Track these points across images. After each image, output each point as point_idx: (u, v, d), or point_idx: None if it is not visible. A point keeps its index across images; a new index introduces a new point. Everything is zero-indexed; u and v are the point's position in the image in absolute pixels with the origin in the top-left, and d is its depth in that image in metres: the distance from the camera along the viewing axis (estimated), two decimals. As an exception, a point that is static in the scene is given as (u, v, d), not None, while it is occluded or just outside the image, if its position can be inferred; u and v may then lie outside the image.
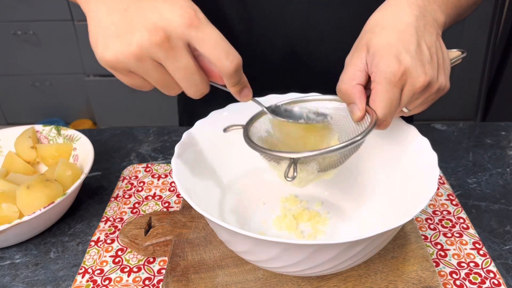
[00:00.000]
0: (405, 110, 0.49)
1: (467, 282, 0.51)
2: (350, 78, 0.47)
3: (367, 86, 0.48)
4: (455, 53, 0.53)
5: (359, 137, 0.44)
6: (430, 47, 0.47)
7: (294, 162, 0.44)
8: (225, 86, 0.44)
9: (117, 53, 0.38)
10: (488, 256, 0.53)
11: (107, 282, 0.52)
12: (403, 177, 0.52)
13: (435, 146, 0.51)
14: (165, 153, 0.75)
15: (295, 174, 0.43)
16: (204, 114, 0.56)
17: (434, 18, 0.49)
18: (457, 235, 0.57)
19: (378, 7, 0.50)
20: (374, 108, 0.45)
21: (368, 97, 0.47)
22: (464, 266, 0.52)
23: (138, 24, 0.37)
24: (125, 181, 0.68)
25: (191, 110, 0.85)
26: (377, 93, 0.45)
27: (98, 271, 0.53)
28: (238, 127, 0.51)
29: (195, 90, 0.42)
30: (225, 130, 0.52)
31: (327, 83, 0.54)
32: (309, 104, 0.52)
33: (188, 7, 0.38)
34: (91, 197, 0.66)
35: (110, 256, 0.55)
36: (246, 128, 0.51)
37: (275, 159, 0.47)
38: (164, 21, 0.37)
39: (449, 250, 0.55)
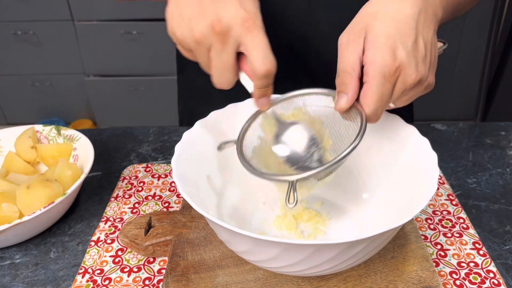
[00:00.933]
0: (391, 105, 0.49)
1: (467, 282, 0.51)
2: (352, 67, 0.47)
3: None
4: (438, 44, 0.53)
5: (356, 142, 0.45)
6: (426, 44, 0.46)
7: (292, 185, 0.45)
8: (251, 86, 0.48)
9: (183, 34, 0.46)
10: (488, 256, 0.53)
11: (107, 282, 0.52)
12: (403, 177, 0.52)
13: (435, 146, 0.51)
14: (165, 153, 0.75)
15: (295, 199, 0.44)
16: (204, 114, 0.57)
17: (434, 12, 0.49)
18: (457, 235, 0.57)
19: None
20: (366, 101, 0.45)
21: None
22: (464, 266, 0.52)
23: (207, 14, 0.44)
24: (125, 181, 0.68)
25: (191, 110, 0.85)
26: (370, 87, 0.45)
27: (98, 271, 0.53)
28: (231, 144, 0.52)
29: (220, 82, 0.48)
30: (219, 148, 0.53)
31: (326, 83, 0.54)
32: (300, 98, 0.52)
33: (252, 13, 0.44)
34: (91, 197, 0.66)
35: (110, 256, 0.55)
36: (239, 145, 0.51)
37: (272, 181, 0.48)
38: (228, 18, 0.43)
39: (449, 250, 0.55)
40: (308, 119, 0.51)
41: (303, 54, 0.71)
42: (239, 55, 0.47)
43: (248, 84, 0.48)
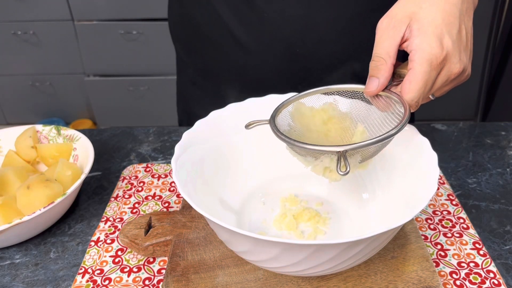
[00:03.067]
0: (431, 97, 0.49)
1: (467, 282, 0.51)
2: (388, 52, 0.46)
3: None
4: None
5: (399, 127, 0.44)
6: (467, 33, 0.47)
7: (342, 155, 0.43)
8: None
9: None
10: (488, 256, 0.53)
11: (107, 282, 0.52)
12: (403, 177, 0.52)
13: (435, 146, 0.51)
14: (165, 153, 0.75)
15: (348, 168, 0.42)
16: (203, 114, 0.57)
17: (473, 0, 0.50)
18: (457, 235, 0.57)
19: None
20: (410, 88, 0.45)
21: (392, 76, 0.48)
22: (464, 266, 0.52)
23: None
24: (125, 181, 0.68)
25: (191, 111, 0.85)
26: (415, 74, 0.45)
27: (98, 271, 0.53)
28: (262, 123, 0.50)
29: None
30: (247, 126, 0.51)
31: (326, 85, 0.54)
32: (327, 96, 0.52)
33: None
34: (91, 197, 0.66)
35: (110, 256, 0.55)
36: (274, 124, 0.49)
37: (314, 154, 0.46)
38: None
39: (449, 250, 0.55)
40: (339, 115, 0.51)
41: (302, 55, 0.71)
42: None
43: None
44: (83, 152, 0.66)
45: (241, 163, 0.59)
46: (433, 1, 0.46)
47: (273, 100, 0.54)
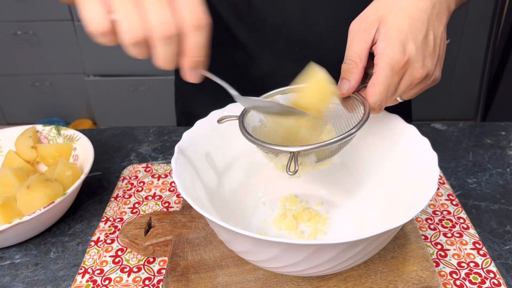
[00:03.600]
0: (398, 99, 0.50)
1: (467, 282, 0.51)
2: (359, 55, 0.48)
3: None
4: None
5: (355, 129, 0.46)
6: (435, 38, 0.48)
7: (294, 156, 0.45)
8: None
9: (130, 23, 0.37)
10: (488, 256, 0.53)
11: (107, 282, 0.52)
12: (403, 177, 0.52)
13: (435, 146, 0.51)
14: (165, 153, 0.75)
15: (296, 168, 0.44)
16: (203, 114, 0.57)
17: (448, 5, 0.50)
18: (457, 235, 0.57)
19: None
20: (373, 91, 0.47)
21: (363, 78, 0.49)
22: (464, 266, 0.52)
23: None
24: (125, 181, 0.68)
25: (189, 111, 0.85)
26: (378, 78, 0.46)
27: (98, 271, 0.53)
28: (232, 118, 0.52)
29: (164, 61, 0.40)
30: (219, 121, 0.52)
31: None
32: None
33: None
34: (91, 197, 0.66)
35: (110, 256, 0.55)
36: (241, 119, 0.51)
37: (274, 152, 0.48)
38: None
39: (449, 250, 0.55)
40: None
41: (302, 55, 0.71)
42: None
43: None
44: (83, 152, 0.66)
45: (241, 163, 0.59)
46: (403, 6, 0.47)
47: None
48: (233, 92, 0.46)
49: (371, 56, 0.49)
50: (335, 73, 0.50)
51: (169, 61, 0.40)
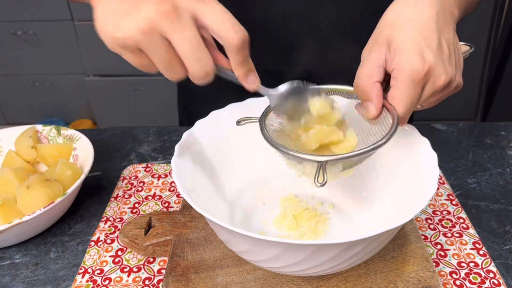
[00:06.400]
0: (418, 106, 0.49)
1: (467, 282, 0.51)
2: (368, 75, 0.46)
3: (383, 81, 0.48)
4: (464, 48, 0.53)
5: (385, 139, 0.44)
6: (449, 44, 0.46)
7: (322, 165, 0.43)
8: (231, 72, 0.43)
9: (127, 30, 0.38)
10: (488, 256, 0.53)
11: (107, 282, 0.52)
12: (403, 177, 0.52)
13: (435, 146, 0.51)
14: (165, 153, 0.75)
15: (325, 179, 0.42)
16: (204, 114, 0.56)
17: (451, 12, 0.49)
18: (457, 235, 0.57)
19: (392, 2, 0.49)
20: (395, 105, 0.45)
21: (384, 90, 0.47)
22: (464, 266, 0.52)
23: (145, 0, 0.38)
24: (125, 181, 0.68)
25: (191, 110, 0.85)
26: (398, 91, 0.45)
27: (98, 271, 0.53)
28: (252, 120, 0.50)
29: (199, 67, 0.40)
30: (238, 123, 0.51)
31: (326, 85, 0.53)
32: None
33: None
34: (91, 197, 0.66)
35: (110, 256, 0.55)
36: (263, 124, 0.48)
37: (296, 159, 0.46)
38: None
39: (449, 250, 0.55)
40: (336, 115, 0.51)
41: (304, 55, 0.71)
42: None
43: (227, 73, 0.44)
44: (83, 152, 0.66)
45: (241, 163, 0.59)
46: (407, 19, 0.46)
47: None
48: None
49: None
50: (334, 73, 0.50)
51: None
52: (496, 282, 0.50)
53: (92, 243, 0.57)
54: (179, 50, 0.39)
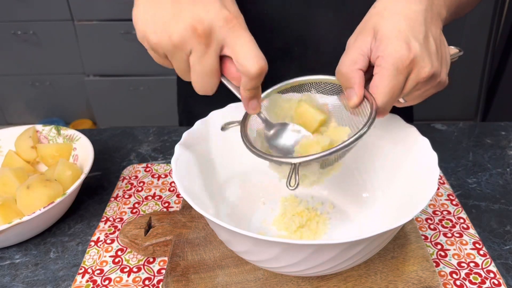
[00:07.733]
0: (401, 100, 0.48)
1: (467, 282, 0.51)
2: (351, 61, 0.46)
3: (367, 71, 0.47)
4: (453, 50, 0.53)
5: (363, 131, 0.43)
6: (435, 40, 0.46)
7: (295, 167, 0.43)
8: (237, 88, 0.45)
9: (160, 38, 0.41)
10: (488, 256, 0.53)
11: (107, 282, 0.52)
12: (403, 177, 0.52)
13: (435, 146, 0.51)
14: (165, 153, 0.75)
15: (297, 182, 0.42)
16: (204, 114, 0.56)
17: (438, 12, 0.49)
18: (457, 235, 0.57)
19: None
20: (376, 94, 0.44)
21: (367, 82, 0.46)
22: (464, 266, 0.52)
23: (186, 15, 0.40)
24: (125, 181, 0.68)
25: (191, 110, 0.85)
26: (381, 79, 0.44)
27: (98, 271, 0.53)
28: (235, 124, 0.50)
29: (204, 88, 0.44)
30: (222, 128, 0.51)
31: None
32: (305, 86, 0.51)
33: (234, 12, 0.42)
34: (91, 197, 0.66)
35: (110, 256, 0.55)
36: (243, 127, 0.49)
37: (277, 163, 0.46)
38: (210, 19, 0.40)
39: (449, 250, 0.55)
40: (316, 105, 0.50)
41: (302, 55, 0.71)
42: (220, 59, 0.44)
43: (234, 87, 0.45)
44: (83, 152, 0.66)
45: (241, 163, 0.59)
46: (396, 10, 0.46)
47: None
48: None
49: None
50: (333, 73, 0.49)
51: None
52: (496, 282, 0.50)
53: (92, 243, 0.57)
54: (191, 68, 0.43)
